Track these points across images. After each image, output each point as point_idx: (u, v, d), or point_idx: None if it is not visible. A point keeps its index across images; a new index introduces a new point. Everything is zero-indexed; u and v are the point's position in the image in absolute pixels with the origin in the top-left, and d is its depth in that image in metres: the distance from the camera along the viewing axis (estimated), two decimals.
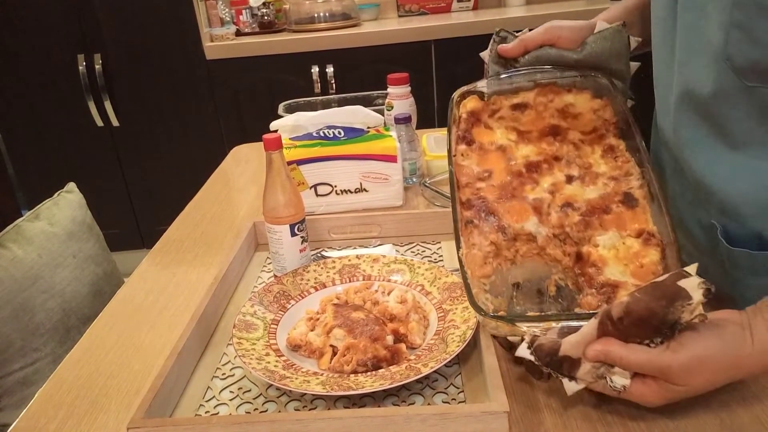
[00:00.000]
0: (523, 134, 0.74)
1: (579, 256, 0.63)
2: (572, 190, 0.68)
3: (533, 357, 0.56)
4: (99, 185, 2.46)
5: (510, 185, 0.69)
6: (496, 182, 0.70)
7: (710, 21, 0.62)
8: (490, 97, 0.78)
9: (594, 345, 0.54)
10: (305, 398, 0.62)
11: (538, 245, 0.65)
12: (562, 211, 0.66)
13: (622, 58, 0.81)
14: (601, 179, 0.69)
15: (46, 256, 1.06)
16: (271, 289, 0.77)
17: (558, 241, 0.65)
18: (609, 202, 0.66)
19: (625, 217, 0.65)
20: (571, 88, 0.76)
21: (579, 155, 0.72)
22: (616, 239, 0.63)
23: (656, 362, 0.52)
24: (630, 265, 0.61)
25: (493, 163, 0.72)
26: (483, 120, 0.75)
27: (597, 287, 0.61)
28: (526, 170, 0.70)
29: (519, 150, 0.73)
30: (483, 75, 0.85)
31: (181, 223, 1.10)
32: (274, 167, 0.80)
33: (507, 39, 0.84)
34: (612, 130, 0.73)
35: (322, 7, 2.42)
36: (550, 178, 0.69)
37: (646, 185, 0.67)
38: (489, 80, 0.78)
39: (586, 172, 0.70)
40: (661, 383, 0.53)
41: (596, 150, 0.72)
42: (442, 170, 1.17)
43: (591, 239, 0.63)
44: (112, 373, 0.70)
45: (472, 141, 0.74)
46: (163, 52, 2.30)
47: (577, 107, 0.75)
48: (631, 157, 0.70)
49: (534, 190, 0.68)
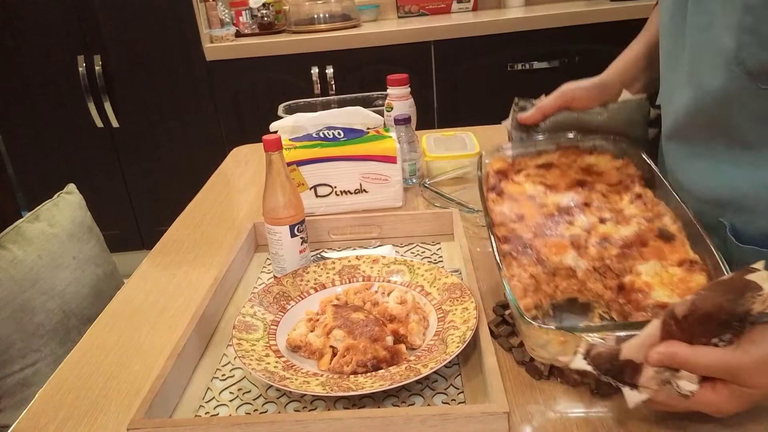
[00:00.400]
0: (550, 186, 0.75)
1: (621, 287, 0.60)
2: (607, 229, 0.67)
3: (591, 366, 0.51)
4: (99, 186, 2.46)
5: (544, 226, 0.68)
6: (529, 224, 0.69)
7: (720, 26, 0.63)
8: (515, 158, 0.81)
9: (657, 347, 0.49)
10: (305, 399, 0.62)
11: (578, 280, 0.63)
12: (600, 245, 0.64)
13: (641, 126, 0.86)
14: (634, 220, 0.68)
15: (46, 257, 1.07)
16: (270, 290, 0.77)
17: (598, 275, 0.63)
18: (645, 237, 0.65)
19: (664, 249, 0.63)
20: (592, 151, 0.79)
21: (608, 201, 0.71)
22: (658, 267, 0.61)
23: (727, 362, 0.48)
24: (676, 289, 0.58)
25: (525, 208, 0.71)
26: (510, 177, 0.77)
27: (646, 309, 0.58)
28: (558, 213, 0.70)
29: (549, 198, 0.73)
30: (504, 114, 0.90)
31: (181, 223, 1.10)
32: (274, 168, 0.80)
33: (526, 107, 0.90)
34: (637, 180, 0.74)
35: (321, 8, 2.42)
36: (583, 220, 0.69)
37: (679, 221, 0.66)
38: (514, 144, 0.82)
39: (618, 214, 0.69)
40: (734, 387, 0.48)
41: (624, 198, 0.72)
42: (441, 171, 1.17)
43: (632, 269, 0.61)
44: (112, 374, 0.70)
45: (502, 192, 0.75)
46: (163, 53, 2.30)
47: (599, 167, 0.78)
48: (659, 201, 0.70)
49: (569, 229, 0.67)
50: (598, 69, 0.96)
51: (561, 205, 0.71)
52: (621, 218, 0.69)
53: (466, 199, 1.03)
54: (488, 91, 2.30)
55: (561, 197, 0.72)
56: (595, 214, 0.69)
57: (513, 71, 2.26)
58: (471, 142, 1.23)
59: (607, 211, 0.70)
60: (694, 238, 0.64)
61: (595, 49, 2.20)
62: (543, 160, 0.79)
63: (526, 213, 0.70)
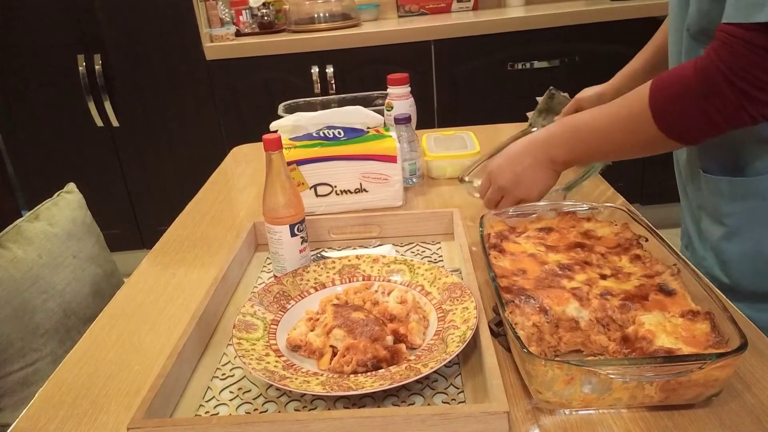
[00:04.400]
0: (550, 247, 0.77)
1: (626, 338, 0.61)
2: (607, 283, 0.68)
3: None
4: (99, 185, 2.46)
5: (546, 280, 0.69)
6: (531, 277, 0.70)
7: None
8: (516, 222, 0.85)
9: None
10: (305, 398, 0.62)
11: (582, 332, 0.64)
12: (602, 296, 0.65)
13: None
14: (634, 277, 0.70)
15: (46, 256, 1.07)
16: (270, 290, 0.77)
17: (601, 327, 0.63)
18: (647, 291, 0.66)
19: (666, 302, 0.64)
20: (590, 218, 0.83)
21: (608, 261, 0.73)
22: (660, 318, 0.62)
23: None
24: (680, 336, 0.59)
25: (526, 264, 0.73)
26: (511, 239, 0.79)
27: (651, 354, 0.58)
28: (559, 269, 0.71)
29: (549, 257, 0.75)
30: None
31: (181, 223, 1.10)
32: (274, 167, 0.80)
33: (555, 96, 1.22)
34: (635, 243, 0.76)
35: (322, 7, 2.42)
36: (584, 276, 0.70)
37: (679, 277, 0.67)
38: (511, 210, 0.86)
39: (618, 272, 0.71)
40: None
41: (623, 258, 0.73)
42: (442, 170, 1.17)
43: (635, 320, 0.62)
44: (112, 374, 0.70)
45: (504, 250, 0.77)
46: (163, 53, 2.30)
47: (597, 232, 0.80)
48: (658, 260, 0.72)
49: (570, 282, 0.69)
50: (597, 69, 0.96)
51: (562, 263, 0.72)
52: (621, 275, 0.70)
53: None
54: (488, 91, 2.30)
55: (561, 256, 0.74)
56: (595, 271, 0.71)
57: (513, 71, 2.26)
58: (471, 141, 1.23)
59: (607, 269, 0.72)
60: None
61: (595, 49, 2.20)
62: (543, 224, 0.83)
63: (527, 268, 0.72)
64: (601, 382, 0.55)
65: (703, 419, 0.55)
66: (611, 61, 1.00)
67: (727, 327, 0.57)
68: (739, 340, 0.54)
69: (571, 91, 1.19)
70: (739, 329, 0.55)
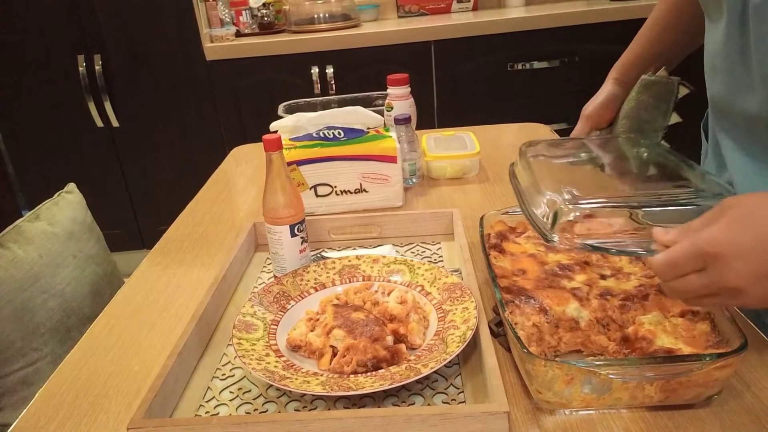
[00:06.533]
0: (550, 247, 0.77)
1: (625, 338, 0.61)
2: (608, 283, 0.69)
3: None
4: (99, 185, 2.46)
5: (546, 280, 0.70)
6: (531, 277, 0.71)
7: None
8: (517, 222, 0.84)
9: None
10: (305, 399, 0.63)
11: (582, 332, 0.64)
12: (602, 297, 0.66)
13: (663, 110, 0.91)
14: (634, 277, 0.70)
15: (47, 256, 1.07)
16: (270, 290, 0.77)
17: (601, 327, 0.64)
18: (647, 291, 0.66)
19: (666, 302, 0.64)
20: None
21: (608, 261, 0.74)
22: (660, 318, 0.62)
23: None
24: (680, 337, 0.59)
25: (526, 264, 0.73)
26: (511, 239, 0.80)
27: (651, 354, 0.59)
28: (559, 269, 0.72)
29: (549, 257, 0.75)
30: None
31: (181, 223, 1.10)
32: (274, 168, 0.80)
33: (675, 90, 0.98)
34: None
35: (321, 7, 2.42)
36: (584, 276, 0.70)
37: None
38: (508, 210, 0.85)
39: (618, 272, 0.71)
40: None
41: (623, 259, 0.74)
42: (442, 171, 1.17)
43: (635, 320, 0.63)
44: (112, 374, 0.70)
45: (504, 251, 0.77)
46: (163, 53, 2.30)
47: None
48: None
49: (570, 282, 0.69)
50: (597, 69, 0.96)
51: (562, 263, 0.73)
52: (621, 275, 0.71)
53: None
54: (488, 91, 2.30)
55: (561, 256, 0.75)
56: (595, 271, 0.71)
57: (513, 71, 2.26)
58: (471, 141, 1.23)
59: (607, 269, 0.72)
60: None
61: (594, 49, 2.20)
62: None
63: (527, 268, 0.73)
64: (601, 382, 0.55)
65: (703, 419, 0.55)
66: (611, 61, 1.00)
67: (727, 327, 0.57)
68: (739, 340, 0.54)
69: (572, 91, 1.18)
70: (739, 329, 0.55)
